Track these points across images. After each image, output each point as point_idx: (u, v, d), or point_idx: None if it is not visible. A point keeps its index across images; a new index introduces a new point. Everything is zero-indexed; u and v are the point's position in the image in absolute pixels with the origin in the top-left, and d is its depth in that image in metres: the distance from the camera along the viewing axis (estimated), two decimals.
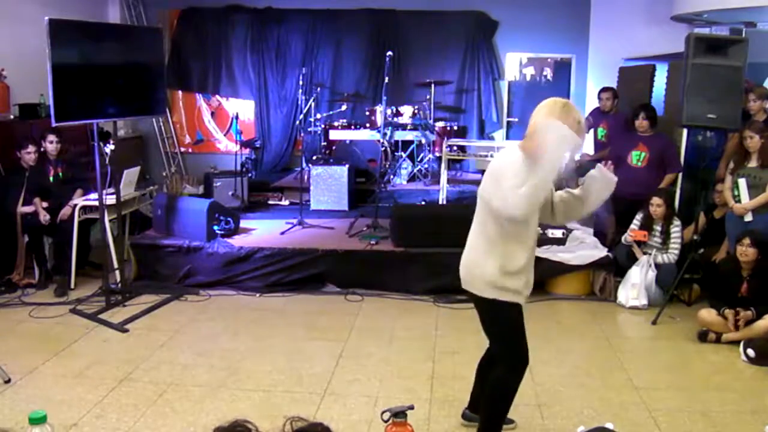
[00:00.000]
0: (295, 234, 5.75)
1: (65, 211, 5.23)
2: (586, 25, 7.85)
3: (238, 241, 5.46)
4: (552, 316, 4.80)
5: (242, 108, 8.36)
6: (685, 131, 5.43)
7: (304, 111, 7.37)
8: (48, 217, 5.14)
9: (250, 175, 7.25)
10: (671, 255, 4.92)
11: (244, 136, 7.94)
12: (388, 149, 7.13)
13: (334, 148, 7.36)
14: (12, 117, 6.07)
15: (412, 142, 7.43)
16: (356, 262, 5.26)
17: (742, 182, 4.55)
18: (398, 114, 7.21)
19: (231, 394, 3.50)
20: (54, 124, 4.35)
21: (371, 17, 8.12)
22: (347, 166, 6.72)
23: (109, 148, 4.83)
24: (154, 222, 5.87)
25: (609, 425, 2.33)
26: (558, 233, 5.41)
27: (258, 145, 8.07)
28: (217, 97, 8.50)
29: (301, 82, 7.39)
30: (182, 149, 8.61)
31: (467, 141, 7.41)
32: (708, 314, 4.30)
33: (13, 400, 3.38)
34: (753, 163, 4.55)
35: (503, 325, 2.76)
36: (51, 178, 5.38)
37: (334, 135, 7.43)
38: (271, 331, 4.42)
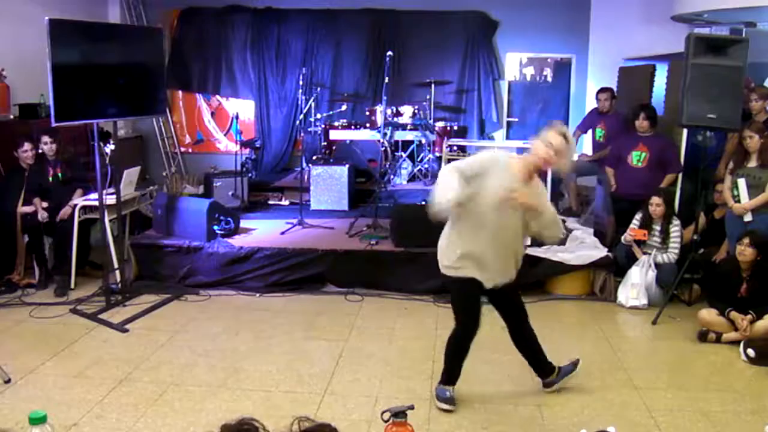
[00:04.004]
0: (295, 234, 5.75)
1: (65, 211, 5.23)
2: (586, 25, 7.84)
3: (238, 241, 5.46)
4: (552, 316, 4.80)
5: (242, 108, 8.36)
6: (685, 131, 5.43)
7: (304, 111, 7.37)
8: (46, 215, 5.14)
9: (250, 175, 7.25)
10: (671, 254, 4.92)
11: (244, 136, 7.93)
12: (388, 149, 7.12)
13: (334, 148, 7.35)
14: (12, 117, 6.07)
15: (412, 142, 7.42)
16: (356, 262, 5.25)
17: (741, 182, 4.55)
18: (398, 114, 7.21)
19: (231, 394, 3.51)
20: (54, 124, 4.35)
21: (371, 17, 8.12)
22: (347, 166, 6.72)
23: (109, 148, 4.84)
24: (154, 222, 5.87)
25: (611, 429, 2.32)
26: None
27: (258, 145, 8.06)
28: (217, 97, 8.50)
29: (301, 82, 7.39)
30: (182, 149, 8.61)
31: (467, 141, 7.41)
32: (708, 314, 4.30)
33: (13, 400, 3.38)
34: (753, 163, 4.55)
35: None
36: (50, 179, 5.38)
37: (334, 135, 7.43)
38: (271, 331, 4.42)
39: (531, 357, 3.49)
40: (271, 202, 7.17)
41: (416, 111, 7.22)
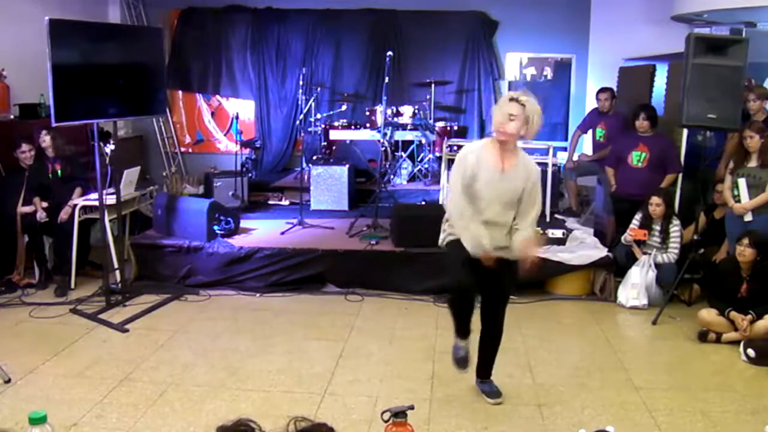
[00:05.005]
0: (295, 234, 5.75)
1: (65, 211, 5.23)
2: (586, 25, 7.84)
3: (238, 241, 5.46)
4: (552, 316, 4.80)
5: (242, 108, 8.35)
6: (685, 131, 5.43)
7: (304, 111, 7.37)
8: (44, 215, 5.14)
9: (250, 175, 7.25)
10: (671, 254, 4.92)
11: (244, 136, 7.92)
12: (388, 149, 7.12)
13: (334, 148, 7.35)
14: (12, 117, 6.06)
15: (412, 142, 7.42)
16: (356, 262, 5.25)
17: (741, 182, 4.55)
18: (398, 114, 7.21)
19: (231, 394, 3.51)
20: (54, 124, 4.35)
21: (371, 17, 8.11)
22: (347, 166, 6.72)
23: (109, 148, 4.84)
24: (154, 222, 5.87)
25: (610, 429, 2.32)
26: (558, 233, 5.41)
27: (258, 145, 8.05)
28: (217, 97, 8.48)
29: (301, 82, 7.39)
30: (182, 149, 8.60)
31: (467, 141, 7.41)
32: (708, 314, 4.30)
33: (13, 400, 3.38)
34: (753, 163, 4.55)
35: None
36: (50, 175, 5.37)
37: (334, 135, 7.42)
38: (271, 331, 4.42)
39: (486, 356, 3.47)
40: (271, 202, 7.17)
41: (416, 111, 7.22)
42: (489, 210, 3.18)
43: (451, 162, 6.55)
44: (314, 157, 7.30)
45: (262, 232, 5.84)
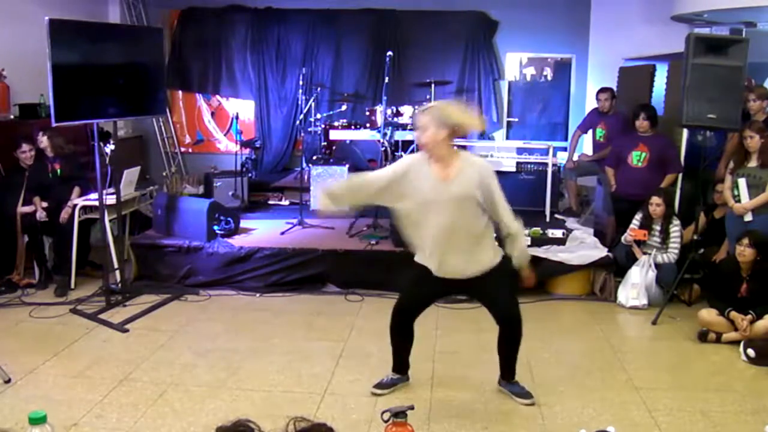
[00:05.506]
0: (295, 234, 5.75)
1: (66, 212, 5.23)
2: (586, 25, 7.83)
3: (238, 241, 5.46)
4: (552, 316, 4.80)
5: (242, 108, 8.35)
6: (685, 131, 5.43)
7: (304, 111, 7.37)
8: (44, 214, 5.15)
9: (250, 175, 7.25)
10: (671, 254, 4.92)
11: (244, 136, 7.92)
12: (389, 149, 7.11)
13: (334, 148, 7.35)
14: (12, 117, 6.06)
15: (412, 142, 7.41)
16: (356, 262, 5.26)
17: (741, 182, 4.55)
18: (398, 114, 7.21)
19: (231, 394, 3.51)
20: (54, 124, 4.35)
21: (371, 17, 8.11)
22: (347, 166, 6.71)
23: (109, 148, 4.84)
24: (154, 222, 5.87)
25: (610, 429, 2.32)
26: (558, 233, 5.41)
27: (258, 145, 8.05)
28: (217, 97, 8.49)
29: (301, 82, 7.38)
30: (182, 149, 8.61)
31: (467, 141, 7.39)
32: (708, 314, 4.30)
33: (13, 400, 3.38)
34: (753, 163, 4.55)
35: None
36: (49, 174, 5.37)
37: (334, 135, 7.42)
38: (271, 331, 4.42)
39: (503, 357, 3.46)
40: (271, 202, 7.17)
41: (416, 111, 7.21)
42: (442, 218, 3.04)
43: None
44: (314, 157, 7.30)
45: (262, 232, 5.84)
